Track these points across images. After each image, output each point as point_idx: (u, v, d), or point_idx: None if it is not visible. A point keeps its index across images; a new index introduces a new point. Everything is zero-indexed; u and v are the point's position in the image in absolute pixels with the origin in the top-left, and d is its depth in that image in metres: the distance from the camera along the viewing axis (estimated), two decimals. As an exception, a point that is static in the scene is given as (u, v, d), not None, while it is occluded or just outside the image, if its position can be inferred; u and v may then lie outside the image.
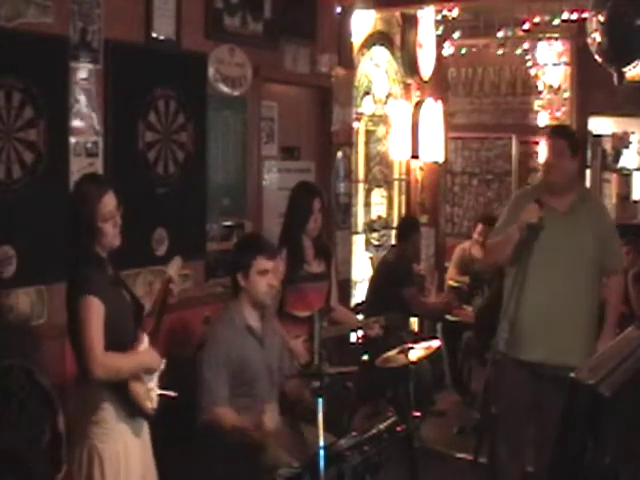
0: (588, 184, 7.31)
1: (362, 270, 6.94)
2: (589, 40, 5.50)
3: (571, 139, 4.24)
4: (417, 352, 4.58)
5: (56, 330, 3.73)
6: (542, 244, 4.04)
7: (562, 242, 4.07)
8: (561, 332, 4.05)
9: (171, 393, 3.44)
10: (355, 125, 6.68)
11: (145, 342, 3.32)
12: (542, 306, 4.06)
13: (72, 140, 4.13)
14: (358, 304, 6.46)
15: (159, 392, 3.36)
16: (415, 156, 7.34)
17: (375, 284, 6.27)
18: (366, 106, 6.99)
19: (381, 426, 3.68)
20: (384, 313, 5.01)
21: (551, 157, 4.17)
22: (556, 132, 4.35)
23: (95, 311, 3.09)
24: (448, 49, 7.67)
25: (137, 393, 3.22)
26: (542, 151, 7.35)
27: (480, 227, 7.03)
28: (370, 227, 7.20)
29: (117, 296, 3.27)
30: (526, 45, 7.54)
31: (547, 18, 7.12)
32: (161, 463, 3.53)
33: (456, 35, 7.53)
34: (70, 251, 3.25)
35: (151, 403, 3.30)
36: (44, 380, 3.88)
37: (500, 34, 7.26)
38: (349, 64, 6.37)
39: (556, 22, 7.09)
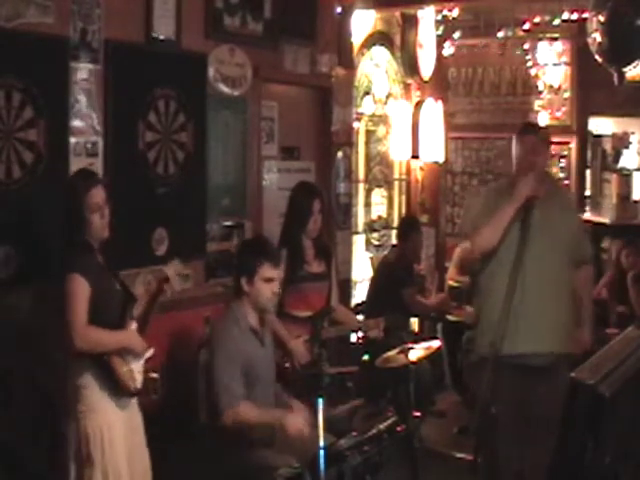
0: (588, 184, 7.30)
1: (362, 270, 6.93)
2: (589, 40, 5.50)
3: (541, 134, 4.31)
4: (417, 352, 4.58)
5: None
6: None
7: (543, 228, 4.02)
8: (547, 320, 4.02)
9: (154, 375, 3.58)
10: (355, 125, 6.68)
11: (132, 328, 3.50)
12: (531, 294, 3.93)
13: (72, 140, 4.13)
14: (358, 304, 6.45)
15: (142, 374, 3.52)
16: (415, 156, 7.33)
17: (375, 284, 6.26)
18: (366, 106, 6.98)
19: (381, 426, 3.69)
20: (384, 313, 5.00)
21: (529, 154, 4.14)
22: (527, 129, 4.32)
23: (80, 288, 3.32)
24: (448, 49, 7.66)
25: (120, 372, 3.41)
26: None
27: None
28: (370, 227, 7.19)
29: (105, 281, 3.45)
30: (526, 45, 7.52)
31: (547, 18, 7.11)
32: (161, 461, 3.54)
33: (456, 35, 7.52)
34: (63, 241, 3.47)
35: (134, 383, 3.47)
36: (44, 381, 3.88)
37: (500, 34, 7.25)
38: (349, 64, 6.36)
39: (556, 22, 7.08)
